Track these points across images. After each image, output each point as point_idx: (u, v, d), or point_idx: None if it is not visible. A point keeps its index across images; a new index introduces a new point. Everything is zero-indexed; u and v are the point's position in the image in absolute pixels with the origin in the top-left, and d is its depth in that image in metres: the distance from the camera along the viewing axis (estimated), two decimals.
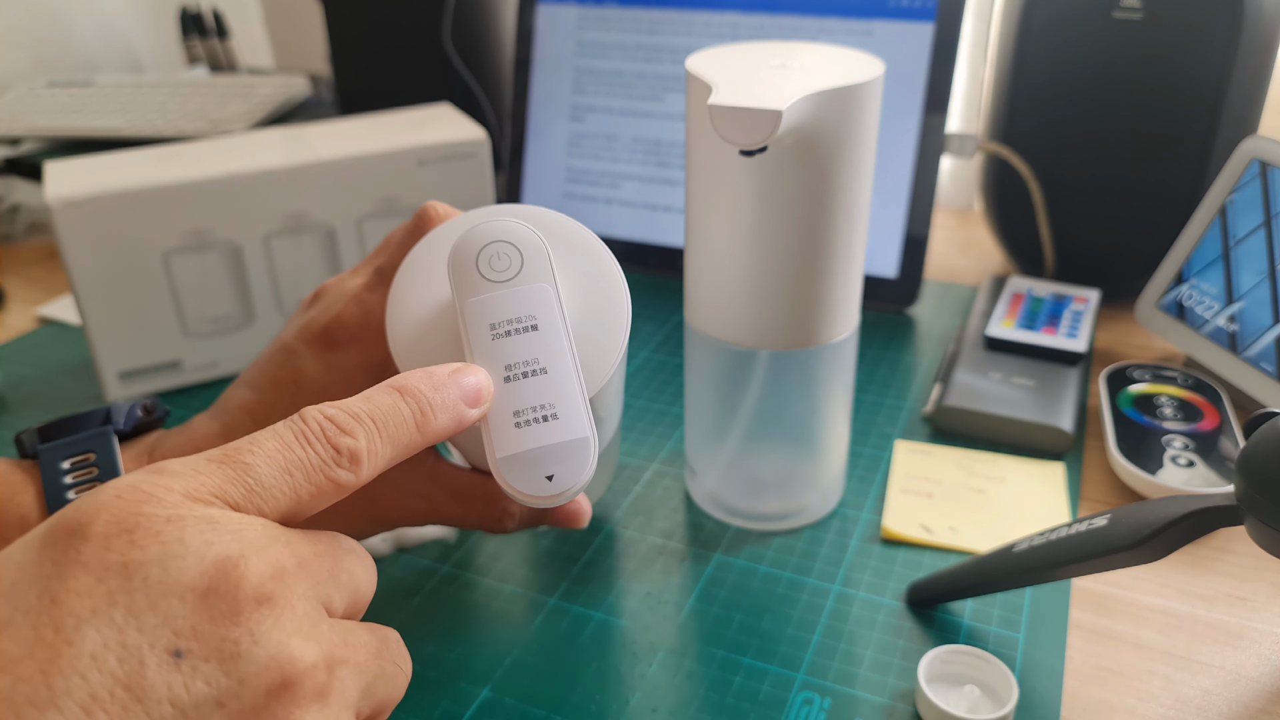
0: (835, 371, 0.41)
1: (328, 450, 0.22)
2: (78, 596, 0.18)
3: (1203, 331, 0.53)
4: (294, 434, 0.22)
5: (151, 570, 0.18)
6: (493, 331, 0.27)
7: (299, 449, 0.22)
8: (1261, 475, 0.30)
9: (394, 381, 0.24)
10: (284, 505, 0.21)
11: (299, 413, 0.23)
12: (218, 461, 0.21)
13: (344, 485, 0.22)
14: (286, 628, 0.19)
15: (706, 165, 0.37)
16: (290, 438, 0.22)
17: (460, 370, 0.25)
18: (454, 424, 0.25)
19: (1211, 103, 0.55)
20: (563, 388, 0.26)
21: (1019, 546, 0.36)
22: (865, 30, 0.61)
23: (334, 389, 0.33)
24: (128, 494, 0.19)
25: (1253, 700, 0.35)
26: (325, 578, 0.21)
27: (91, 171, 0.53)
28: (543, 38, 0.70)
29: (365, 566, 0.23)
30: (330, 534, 0.23)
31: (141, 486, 0.20)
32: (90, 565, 0.18)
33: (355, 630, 0.22)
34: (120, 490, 0.19)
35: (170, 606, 0.18)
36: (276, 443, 0.22)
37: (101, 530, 0.19)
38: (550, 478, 0.25)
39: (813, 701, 0.35)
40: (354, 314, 0.33)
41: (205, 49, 1.05)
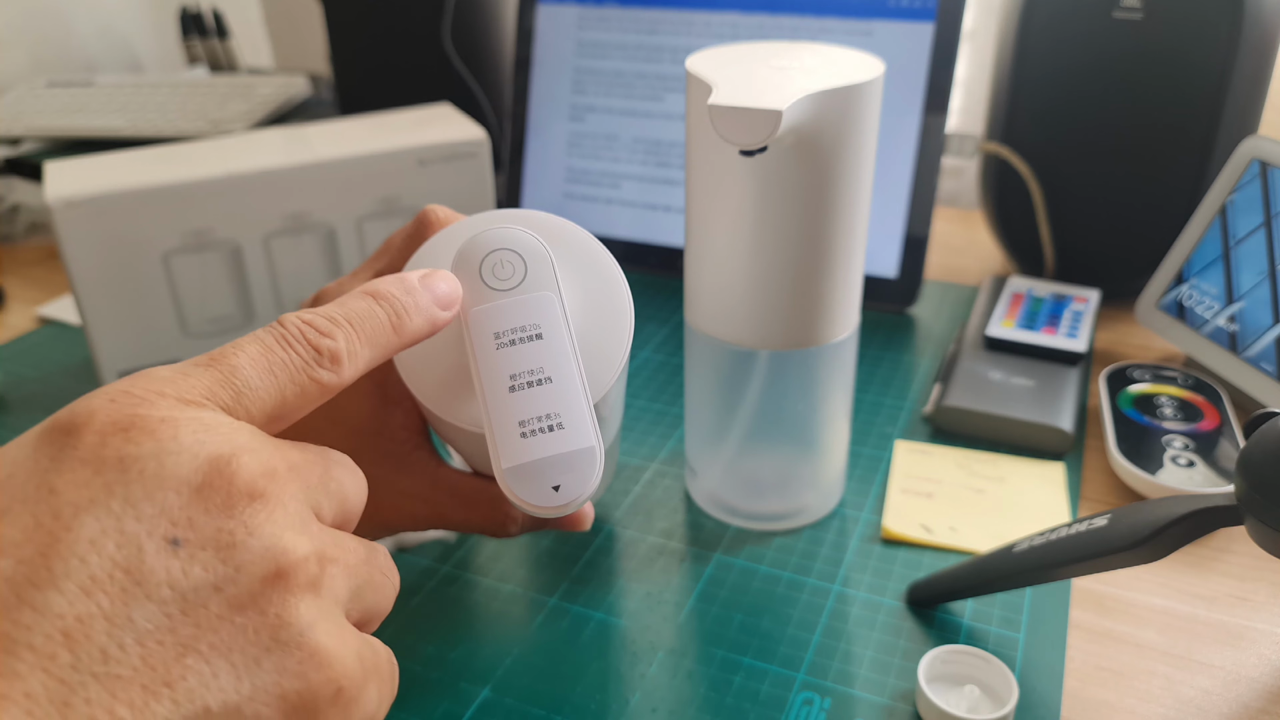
0: (835, 371, 0.41)
1: (309, 351, 0.22)
2: (75, 487, 0.18)
3: (1203, 331, 0.53)
4: (274, 337, 0.22)
5: (148, 464, 0.19)
6: (497, 341, 0.27)
7: (280, 350, 0.22)
8: (1261, 475, 0.30)
9: (367, 287, 0.25)
10: (270, 405, 0.22)
11: (278, 319, 0.23)
12: (204, 365, 0.21)
13: (327, 385, 0.23)
14: (279, 522, 0.20)
15: (706, 165, 0.37)
16: (271, 341, 0.22)
17: (430, 274, 0.26)
18: (428, 326, 0.25)
19: (1212, 102, 0.55)
20: (568, 396, 0.26)
21: (1019, 546, 0.36)
22: (865, 30, 0.61)
23: (341, 396, 0.33)
24: (121, 397, 0.20)
25: (1253, 700, 0.35)
26: (315, 483, 0.22)
27: (91, 171, 0.53)
28: (543, 38, 0.70)
29: (355, 479, 0.24)
30: (320, 447, 0.23)
31: (134, 391, 0.20)
32: (87, 459, 0.19)
33: (344, 536, 0.22)
34: (113, 394, 0.20)
35: (166, 498, 0.19)
36: (258, 346, 0.22)
37: (98, 428, 0.19)
38: (557, 488, 0.25)
39: (813, 701, 0.35)
40: None
41: (205, 49, 1.05)
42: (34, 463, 0.19)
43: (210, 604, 0.18)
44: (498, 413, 0.26)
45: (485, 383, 0.26)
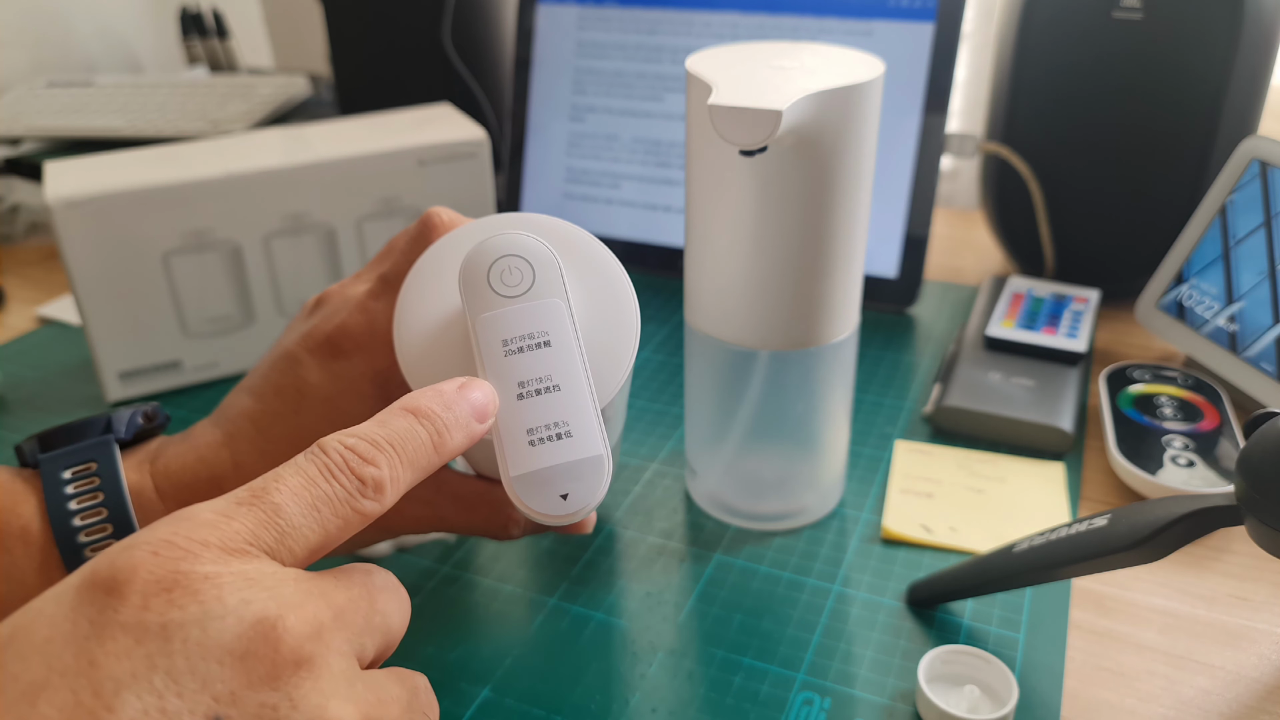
0: (835, 371, 0.41)
1: (353, 482, 0.22)
2: (116, 659, 0.18)
3: (1203, 331, 0.53)
4: (317, 468, 0.22)
5: (191, 632, 0.18)
6: (505, 348, 0.26)
7: (324, 483, 0.22)
8: (1261, 475, 0.30)
9: (406, 404, 0.24)
10: (314, 542, 0.21)
11: (318, 444, 0.22)
12: (246, 504, 0.21)
13: (369, 515, 0.22)
14: (324, 690, 0.19)
15: (706, 165, 0.37)
16: (315, 472, 0.22)
17: (467, 385, 0.25)
18: (466, 441, 0.25)
19: (1211, 102, 0.55)
20: (576, 405, 0.26)
21: (1019, 546, 0.36)
22: (865, 30, 0.61)
23: (338, 398, 0.33)
24: (164, 550, 0.19)
25: (1253, 700, 0.35)
26: (360, 626, 0.21)
27: (91, 172, 0.53)
28: (543, 38, 0.70)
29: (399, 603, 0.23)
30: (363, 571, 0.23)
31: (177, 542, 0.19)
32: (129, 626, 0.18)
33: (387, 684, 0.22)
34: (156, 546, 0.19)
35: (209, 670, 0.18)
36: (301, 479, 0.21)
37: (139, 589, 0.18)
38: (565, 496, 0.25)
39: (813, 701, 0.35)
40: (359, 322, 0.33)
41: (205, 49, 1.05)
42: (73, 626, 0.18)
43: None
44: (506, 420, 0.26)
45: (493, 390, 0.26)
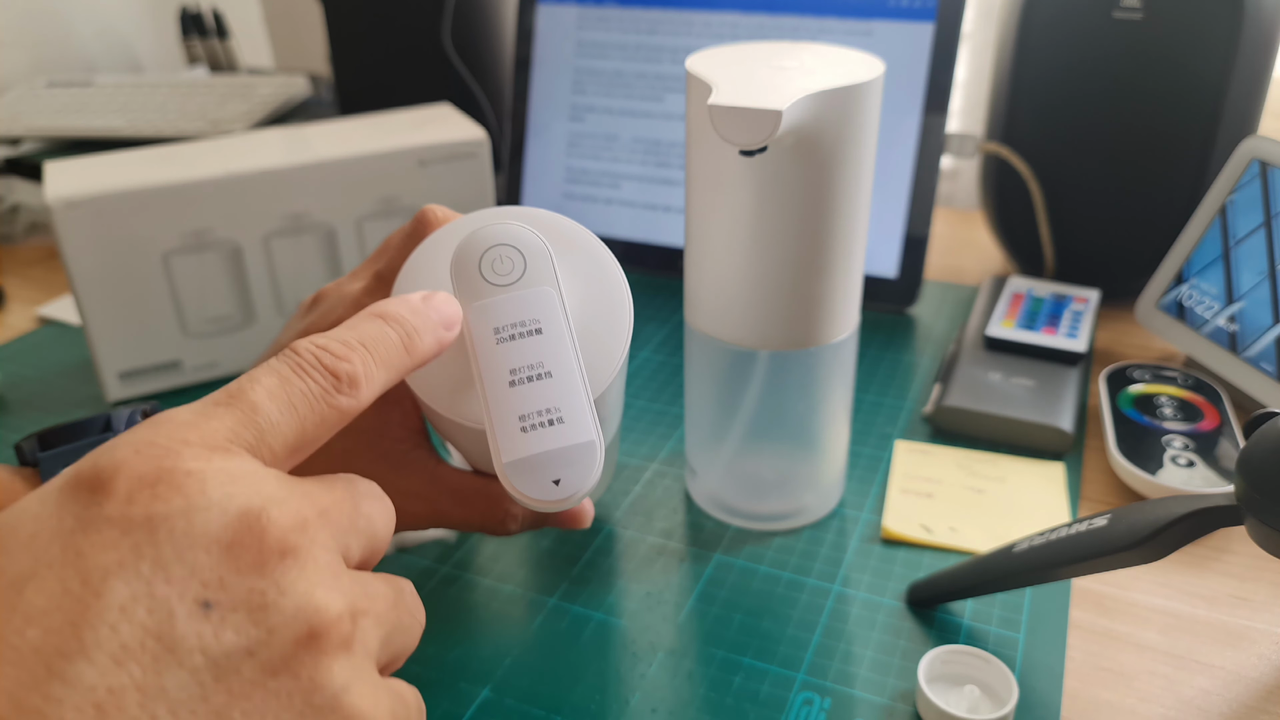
0: (835, 371, 0.41)
1: (327, 378, 0.22)
2: (103, 550, 0.18)
3: (1203, 331, 0.53)
4: (290, 367, 0.22)
5: (176, 523, 0.18)
6: (497, 335, 0.27)
7: (298, 380, 0.22)
8: (1261, 475, 0.30)
9: (374, 309, 0.25)
10: (292, 438, 0.21)
11: (290, 346, 0.23)
12: (224, 404, 0.21)
13: (346, 411, 0.22)
14: (310, 578, 0.19)
15: (706, 165, 0.37)
16: (287, 371, 0.22)
17: (431, 296, 0.26)
18: (436, 346, 0.25)
19: (1212, 102, 0.55)
20: (568, 391, 0.26)
21: (1019, 546, 0.36)
22: (865, 30, 0.61)
23: None
24: (146, 449, 0.19)
25: (1253, 700, 0.35)
26: (345, 526, 0.22)
27: (91, 171, 0.53)
28: (542, 38, 0.70)
29: (383, 509, 0.23)
30: (347, 477, 0.23)
31: (159, 441, 0.19)
32: (114, 519, 0.18)
33: (373, 581, 0.22)
34: (138, 445, 0.19)
35: (196, 558, 0.18)
36: (275, 378, 0.22)
37: (124, 485, 0.18)
38: (557, 482, 0.25)
39: (813, 701, 0.35)
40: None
41: (205, 49, 1.05)
42: (59, 521, 0.18)
43: (243, 669, 0.18)
44: (498, 407, 0.26)
45: (485, 377, 0.26)
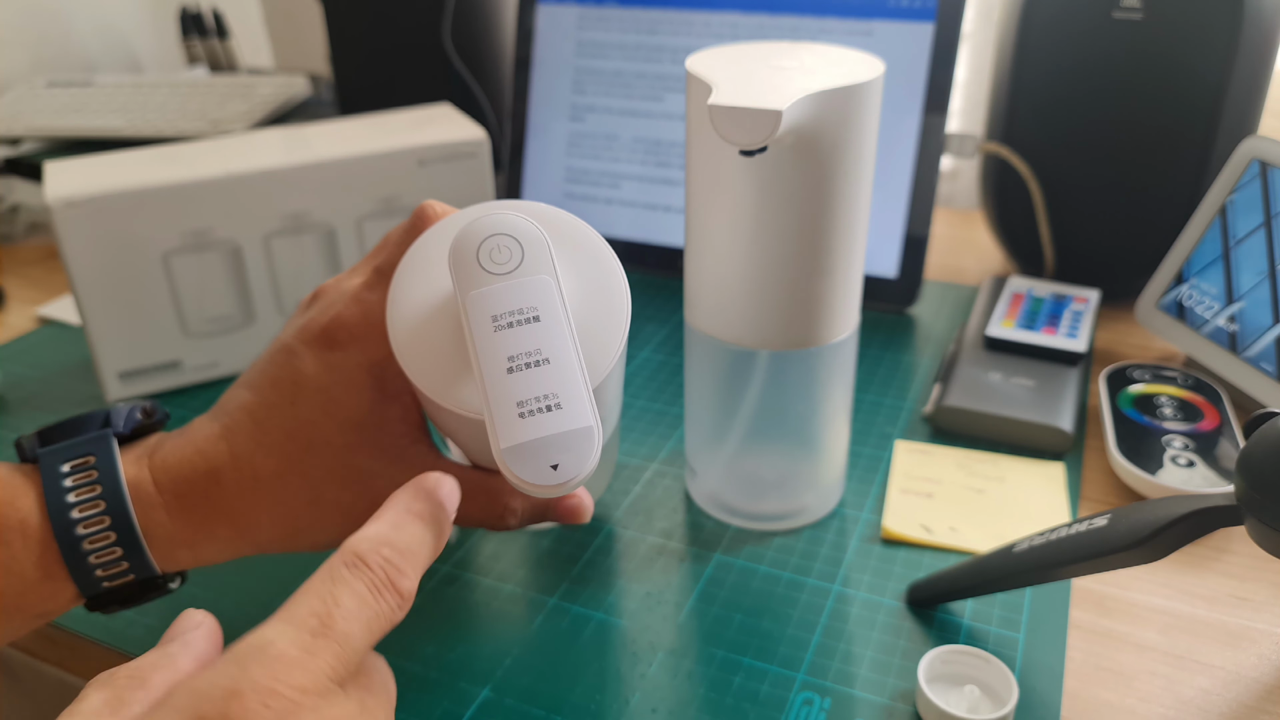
0: (835, 371, 0.41)
1: (395, 598, 0.23)
2: None
3: (1203, 331, 0.53)
4: (367, 586, 0.23)
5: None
6: (495, 323, 0.27)
7: (375, 602, 0.23)
8: (1261, 475, 0.30)
9: (421, 510, 0.25)
10: (363, 658, 0.23)
11: (356, 553, 0.23)
12: (321, 636, 0.22)
13: (395, 625, 0.24)
14: None
15: (706, 165, 0.37)
16: (365, 591, 0.23)
17: (440, 481, 0.26)
18: (447, 534, 0.26)
19: (1211, 102, 0.55)
20: (565, 378, 0.26)
21: (1019, 546, 0.36)
22: (865, 30, 0.61)
23: (334, 389, 0.33)
24: (273, 701, 0.20)
25: (1252, 700, 0.35)
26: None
27: (91, 171, 0.53)
28: (543, 38, 0.70)
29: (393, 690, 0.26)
30: (381, 675, 0.25)
31: (281, 691, 0.20)
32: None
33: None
34: (264, 697, 0.20)
35: None
36: (355, 601, 0.23)
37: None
38: (555, 467, 0.25)
39: (813, 701, 0.35)
40: (354, 314, 0.33)
41: (205, 49, 1.05)
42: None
43: None
44: (496, 394, 0.26)
45: (483, 364, 0.26)
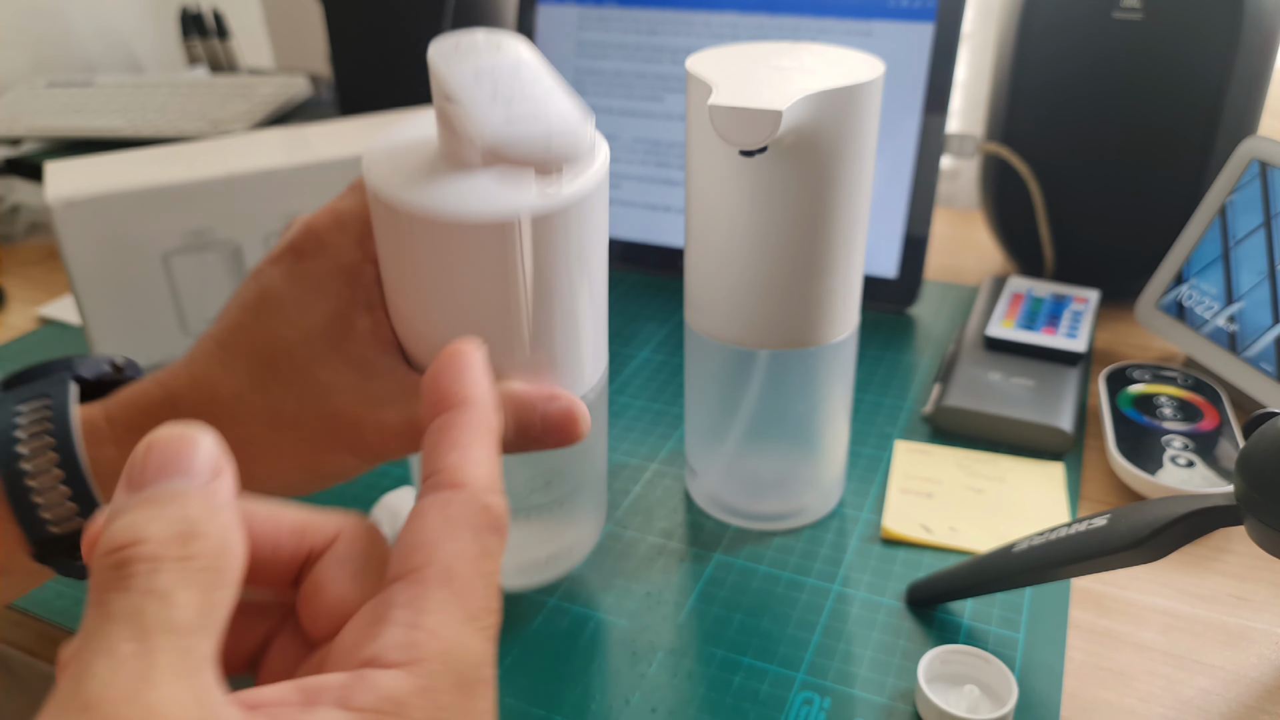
0: (835, 371, 0.41)
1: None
2: None
3: (1202, 332, 0.53)
4: (499, 549, 0.21)
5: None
6: (477, 79, 0.27)
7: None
8: (1261, 475, 0.30)
9: (496, 436, 0.23)
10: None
11: (499, 519, 0.21)
12: (492, 629, 0.20)
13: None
14: None
15: (707, 165, 0.37)
16: (498, 554, 0.21)
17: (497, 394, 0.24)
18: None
19: (1211, 103, 0.55)
20: (549, 100, 0.26)
21: (1019, 546, 0.36)
22: (865, 30, 0.61)
23: (303, 297, 0.31)
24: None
25: (1252, 700, 0.35)
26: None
27: (92, 172, 0.53)
28: (543, 38, 0.70)
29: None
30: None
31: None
32: None
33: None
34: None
35: None
36: (495, 567, 0.21)
37: None
38: (547, 149, 0.25)
39: (812, 701, 0.35)
40: (323, 221, 0.32)
41: (205, 49, 1.05)
42: None
43: None
44: (480, 115, 0.26)
45: (465, 98, 0.26)
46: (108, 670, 0.16)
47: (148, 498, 0.18)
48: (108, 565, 0.18)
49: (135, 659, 0.16)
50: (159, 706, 0.16)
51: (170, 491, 0.19)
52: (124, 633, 0.17)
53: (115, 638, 0.17)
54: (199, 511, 0.18)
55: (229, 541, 0.19)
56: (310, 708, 0.18)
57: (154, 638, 0.17)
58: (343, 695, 0.18)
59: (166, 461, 0.19)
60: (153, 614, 0.17)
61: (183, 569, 0.18)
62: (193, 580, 0.18)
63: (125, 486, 0.19)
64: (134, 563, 0.17)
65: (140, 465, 0.19)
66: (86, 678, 0.16)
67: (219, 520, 0.19)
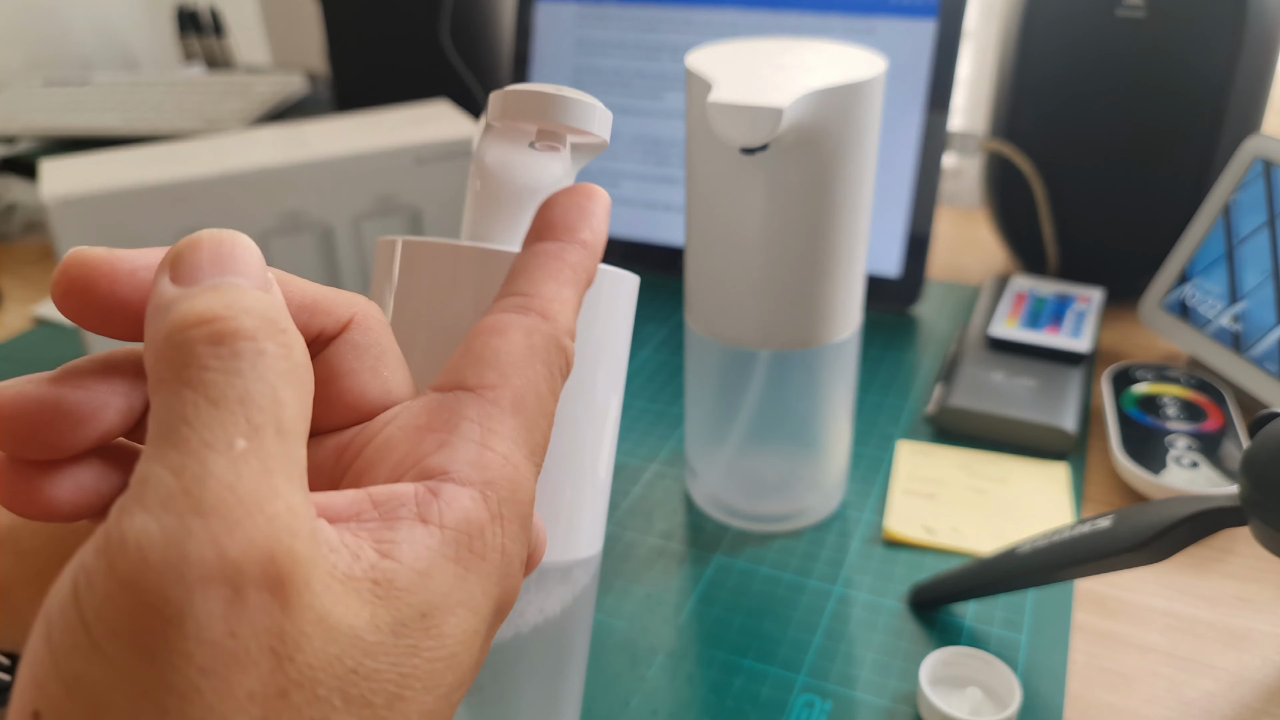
0: (837, 372, 0.41)
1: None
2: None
3: (1206, 331, 0.52)
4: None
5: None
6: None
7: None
8: (1265, 476, 0.30)
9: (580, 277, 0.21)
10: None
11: (570, 361, 0.20)
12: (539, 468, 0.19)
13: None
14: None
15: (707, 164, 0.36)
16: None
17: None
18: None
19: (1215, 101, 0.55)
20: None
21: (1022, 548, 0.35)
22: (867, 27, 0.61)
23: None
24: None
25: (1256, 702, 0.35)
26: None
27: (88, 170, 0.52)
28: (542, 35, 0.70)
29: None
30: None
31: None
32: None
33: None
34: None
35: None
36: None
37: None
38: (550, 105, 0.23)
39: (814, 704, 0.35)
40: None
41: (202, 46, 1.05)
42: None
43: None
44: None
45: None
46: (228, 470, 0.14)
47: (217, 286, 0.16)
48: (201, 338, 0.15)
49: (255, 459, 0.14)
50: (284, 518, 0.14)
51: (237, 285, 0.16)
52: (238, 425, 0.14)
53: (230, 430, 0.14)
54: (278, 307, 0.16)
55: (304, 346, 0.16)
56: (392, 523, 0.16)
57: (268, 436, 0.14)
58: (424, 511, 0.17)
59: (221, 258, 0.16)
60: (265, 406, 0.15)
61: (284, 360, 0.15)
62: (292, 376, 0.15)
63: (175, 281, 0.16)
64: (239, 338, 0.15)
65: (188, 259, 0.16)
66: (204, 475, 0.14)
67: (292, 322, 0.16)
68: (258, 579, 0.14)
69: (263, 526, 0.14)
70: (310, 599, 0.14)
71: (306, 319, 0.19)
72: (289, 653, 0.14)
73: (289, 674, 0.14)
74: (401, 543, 0.16)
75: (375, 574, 0.15)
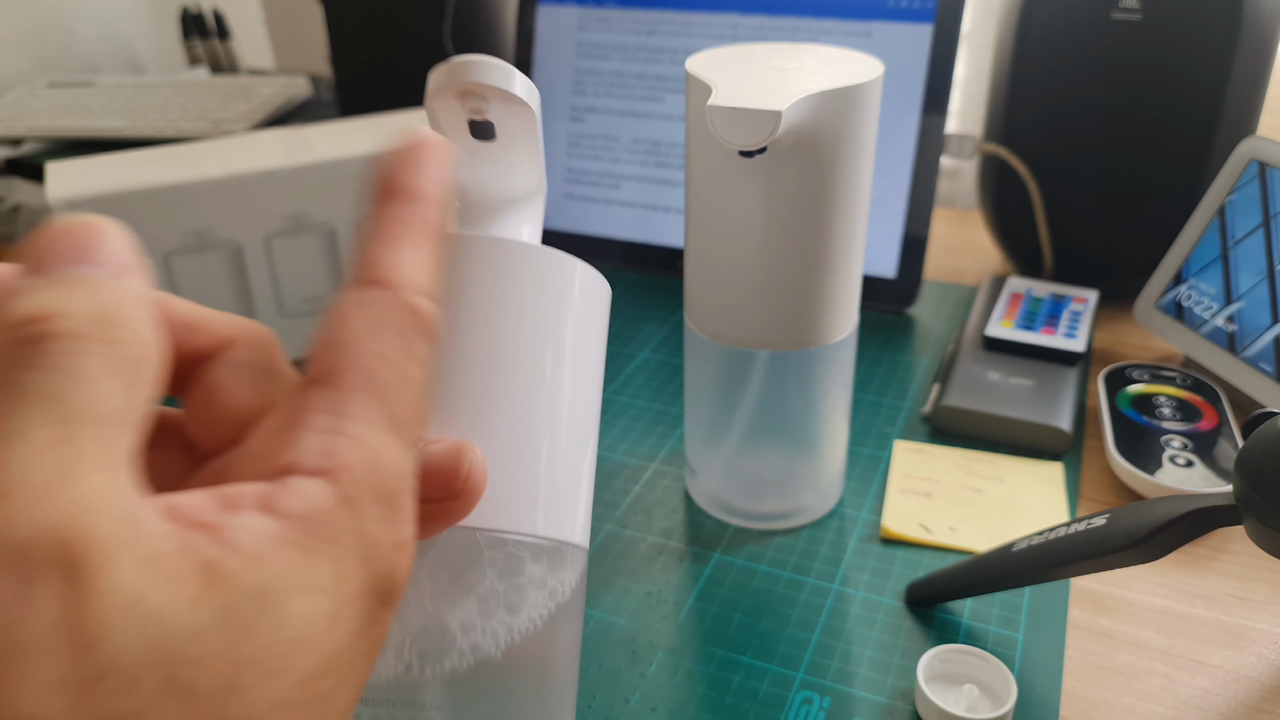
0: (834, 371, 0.41)
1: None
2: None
3: (1201, 331, 0.53)
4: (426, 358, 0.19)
5: None
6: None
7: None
8: (1260, 475, 0.30)
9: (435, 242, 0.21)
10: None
11: (428, 325, 0.19)
12: (412, 445, 0.19)
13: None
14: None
15: (706, 166, 0.37)
16: (425, 358, 0.19)
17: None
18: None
19: (1210, 103, 0.55)
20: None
21: (1018, 546, 0.36)
22: (864, 31, 0.61)
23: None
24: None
25: (1251, 700, 0.35)
26: None
27: (92, 172, 0.53)
28: (543, 39, 0.70)
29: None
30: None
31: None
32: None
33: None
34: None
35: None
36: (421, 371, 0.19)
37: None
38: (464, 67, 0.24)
39: (812, 700, 0.35)
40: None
41: (206, 50, 1.05)
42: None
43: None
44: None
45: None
46: (28, 456, 0.14)
47: (61, 279, 0.16)
48: (20, 339, 0.15)
49: (58, 446, 0.14)
50: (83, 501, 0.14)
51: (84, 276, 0.16)
52: (43, 416, 0.14)
53: (33, 421, 0.14)
54: (121, 298, 0.16)
55: (150, 335, 0.17)
56: (232, 513, 0.16)
57: (77, 425, 0.15)
58: (265, 501, 0.16)
59: (79, 247, 0.17)
60: (76, 399, 0.15)
61: (106, 353, 0.16)
62: (117, 368, 0.16)
63: (29, 270, 0.17)
64: (54, 339, 0.15)
65: (47, 248, 0.17)
66: (2, 462, 0.14)
67: (140, 311, 0.17)
68: (47, 561, 0.13)
69: (58, 509, 0.14)
70: (116, 581, 0.14)
71: (188, 339, 0.20)
72: (91, 639, 0.13)
73: (95, 661, 0.13)
74: (237, 529, 0.16)
75: (201, 557, 0.15)
